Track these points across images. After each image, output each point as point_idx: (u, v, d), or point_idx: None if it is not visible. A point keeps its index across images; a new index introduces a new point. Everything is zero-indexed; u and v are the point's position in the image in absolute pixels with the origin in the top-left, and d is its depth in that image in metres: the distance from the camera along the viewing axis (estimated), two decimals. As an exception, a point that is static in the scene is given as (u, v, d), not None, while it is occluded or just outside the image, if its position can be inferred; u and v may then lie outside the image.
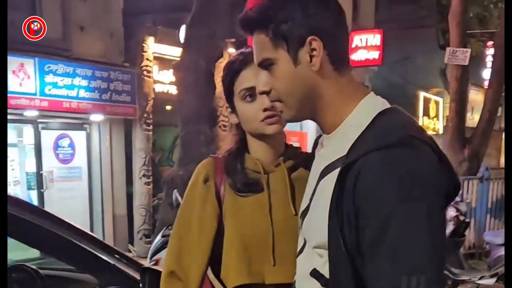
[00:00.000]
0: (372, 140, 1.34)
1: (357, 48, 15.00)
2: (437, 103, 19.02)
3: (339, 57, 1.47)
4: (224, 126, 11.56)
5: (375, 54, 14.81)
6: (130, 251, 10.78)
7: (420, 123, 20.19)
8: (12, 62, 8.66)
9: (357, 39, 14.94)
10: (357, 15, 16.63)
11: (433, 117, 19.15)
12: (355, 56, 15.14)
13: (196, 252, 1.94)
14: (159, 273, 2.12)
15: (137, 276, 2.55)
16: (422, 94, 18.53)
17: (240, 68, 1.92)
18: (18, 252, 7.65)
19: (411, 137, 1.33)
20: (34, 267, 2.78)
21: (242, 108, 1.93)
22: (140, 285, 2.33)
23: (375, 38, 14.81)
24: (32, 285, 2.71)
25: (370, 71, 17.27)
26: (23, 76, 8.77)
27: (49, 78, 9.15)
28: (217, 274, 1.97)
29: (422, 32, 16.88)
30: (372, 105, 1.46)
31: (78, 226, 2.63)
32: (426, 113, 18.81)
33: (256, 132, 1.93)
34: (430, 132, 20.91)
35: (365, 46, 14.90)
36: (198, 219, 1.94)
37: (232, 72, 1.94)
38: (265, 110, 1.86)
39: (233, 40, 11.00)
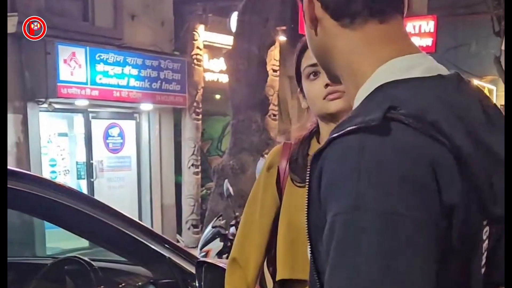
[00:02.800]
0: (341, 123, 1.02)
1: (410, 34, 14.66)
2: (490, 91, 18.61)
3: (341, 9, 1.07)
4: (274, 115, 11.59)
5: (428, 41, 14.58)
6: (178, 241, 10.77)
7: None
8: (64, 51, 8.65)
9: (410, 26, 14.71)
10: (410, 1, 16.37)
11: (486, 106, 18.82)
12: (408, 43, 14.93)
13: (257, 240, 1.95)
14: (215, 266, 2.11)
15: (189, 268, 2.48)
16: (475, 82, 18.18)
17: (305, 46, 1.84)
18: (68, 242, 7.72)
19: (386, 118, 0.96)
20: (87, 259, 2.71)
21: (307, 87, 1.88)
22: (196, 279, 2.24)
23: (428, 25, 14.59)
24: (85, 277, 2.65)
25: (422, 59, 16.99)
26: (74, 65, 8.76)
27: (100, 67, 9.14)
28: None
29: (477, 19, 16.51)
30: (389, 72, 1.06)
31: (130, 216, 2.55)
32: (479, 101, 18.50)
33: (321, 112, 1.86)
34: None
35: (418, 33, 14.68)
36: (260, 207, 1.95)
37: (299, 51, 1.91)
38: (326, 85, 1.79)
39: (284, 27, 10.97)
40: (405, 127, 0.96)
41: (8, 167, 2.29)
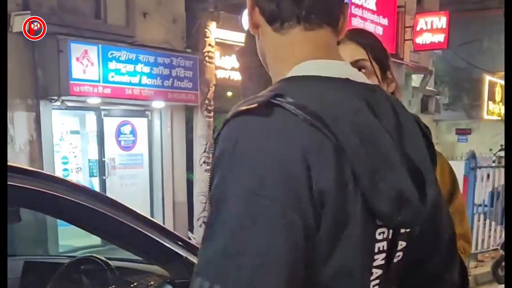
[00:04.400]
0: (236, 107, 1.09)
1: (421, 31, 14.80)
2: (503, 87, 18.52)
3: (274, 15, 1.17)
4: None
5: (440, 37, 14.59)
6: (189, 239, 10.78)
7: (485, 108, 19.77)
8: (76, 49, 8.64)
9: (422, 22, 14.72)
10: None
11: (498, 101, 18.71)
12: (420, 39, 14.93)
13: None
14: None
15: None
16: (487, 78, 18.10)
17: None
18: (80, 239, 7.75)
19: (270, 104, 1.04)
20: (104, 258, 2.71)
21: None
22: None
23: (440, 21, 14.57)
24: (101, 276, 2.64)
25: (434, 55, 16.95)
26: (86, 63, 8.75)
27: (112, 65, 9.14)
28: None
29: (489, 14, 16.43)
30: (299, 70, 1.14)
31: (143, 214, 2.55)
32: (491, 97, 18.42)
33: None
34: (495, 117, 20.48)
35: (430, 29, 14.67)
36: None
37: None
38: None
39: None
40: (287, 114, 1.03)
41: (20, 165, 2.30)
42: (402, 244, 1.18)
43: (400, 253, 1.19)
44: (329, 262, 1.05)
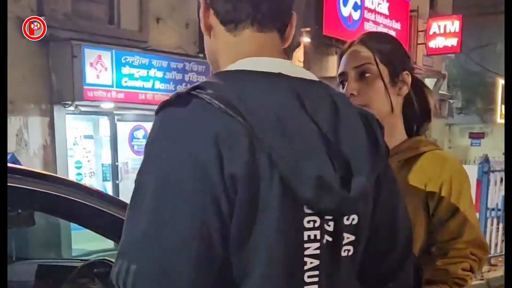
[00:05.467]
0: None
1: (434, 35, 14.75)
2: (517, 91, 18.41)
3: (229, 16, 1.22)
4: None
5: (453, 41, 14.54)
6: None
7: (499, 112, 19.62)
8: (90, 54, 8.68)
9: (435, 26, 14.68)
10: (434, 1, 16.27)
11: (513, 105, 18.57)
12: (433, 43, 14.88)
13: None
14: None
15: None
16: (501, 82, 17.99)
17: (342, 53, 1.90)
18: (93, 243, 7.77)
19: (190, 95, 1.11)
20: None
21: None
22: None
23: (453, 25, 14.53)
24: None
25: (447, 59, 16.89)
26: (100, 68, 8.80)
27: (126, 70, 9.18)
28: None
29: (502, 18, 16.32)
30: (235, 66, 1.21)
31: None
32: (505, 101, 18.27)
33: None
34: (509, 122, 20.27)
35: (443, 33, 14.62)
36: None
37: (339, 58, 1.93)
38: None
39: (308, 29, 10.95)
40: (203, 104, 1.09)
41: (34, 169, 2.32)
42: (349, 237, 1.20)
43: (350, 247, 1.21)
44: (246, 246, 1.08)
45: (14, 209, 2.80)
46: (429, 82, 16.12)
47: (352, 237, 1.20)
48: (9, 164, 3.07)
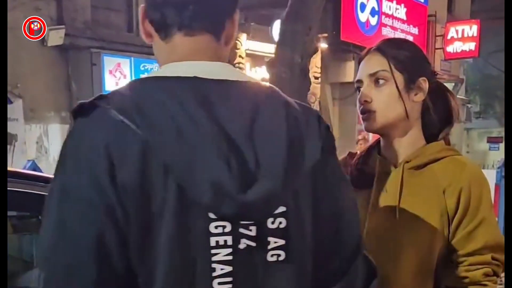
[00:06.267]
0: None
1: (452, 39, 14.62)
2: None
3: (159, 23, 1.22)
4: None
5: (471, 46, 14.41)
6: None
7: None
8: (109, 62, 8.79)
9: (453, 30, 14.56)
10: (452, 6, 16.18)
11: (532, 110, 18.41)
12: (450, 48, 14.75)
13: None
14: None
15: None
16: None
17: (360, 60, 1.89)
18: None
19: (93, 104, 1.12)
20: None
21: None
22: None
23: (471, 29, 14.41)
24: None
25: (465, 63, 16.78)
26: (119, 76, 8.87)
27: (144, 77, 9.23)
28: None
29: (521, 22, 16.19)
30: (150, 74, 1.24)
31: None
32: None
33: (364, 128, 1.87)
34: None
35: (461, 37, 14.51)
36: None
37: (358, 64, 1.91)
38: (361, 105, 1.81)
39: (325, 34, 10.89)
40: (103, 114, 1.10)
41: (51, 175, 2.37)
42: (277, 241, 1.17)
43: (279, 252, 1.17)
44: (147, 255, 1.09)
45: (35, 215, 2.86)
46: (447, 87, 15.99)
47: (282, 241, 1.17)
48: (30, 171, 3.14)
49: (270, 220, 1.15)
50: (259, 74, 11.28)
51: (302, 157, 1.17)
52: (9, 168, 2.21)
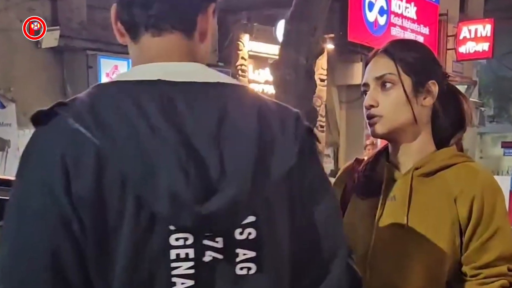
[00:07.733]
0: None
1: (465, 39, 14.64)
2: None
3: (128, 24, 1.20)
4: (321, 126, 11.49)
5: (484, 46, 14.41)
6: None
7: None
8: (106, 64, 8.72)
9: (465, 30, 14.55)
10: (465, 5, 16.08)
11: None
12: (463, 49, 14.75)
13: None
14: None
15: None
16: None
17: (367, 62, 1.89)
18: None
19: (53, 112, 1.10)
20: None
21: None
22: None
23: (485, 29, 14.39)
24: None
25: (478, 65, 16.73)
26: (116, 79, 8.80)
27: (142, 80, 9.15)
28: None
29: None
30: (122, 76, 1.23)
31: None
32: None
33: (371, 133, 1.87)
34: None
35: (474, 37, 14.46)
36: None
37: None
38: (367, 109, 1.81)
39: (332, 35, 10.88)
40: (60, 121, 1.08)
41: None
42: (246, 253, 1.13)
43: (249, 264, 1.14)
44: (105, 269, 1.07)
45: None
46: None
47: (252, 253, 1.14)
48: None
49: (238, 230, 1.13)
50: (263, 76, 11.35)
51: (273, 162, 1.14)
52: (0, 176, 2.10)
